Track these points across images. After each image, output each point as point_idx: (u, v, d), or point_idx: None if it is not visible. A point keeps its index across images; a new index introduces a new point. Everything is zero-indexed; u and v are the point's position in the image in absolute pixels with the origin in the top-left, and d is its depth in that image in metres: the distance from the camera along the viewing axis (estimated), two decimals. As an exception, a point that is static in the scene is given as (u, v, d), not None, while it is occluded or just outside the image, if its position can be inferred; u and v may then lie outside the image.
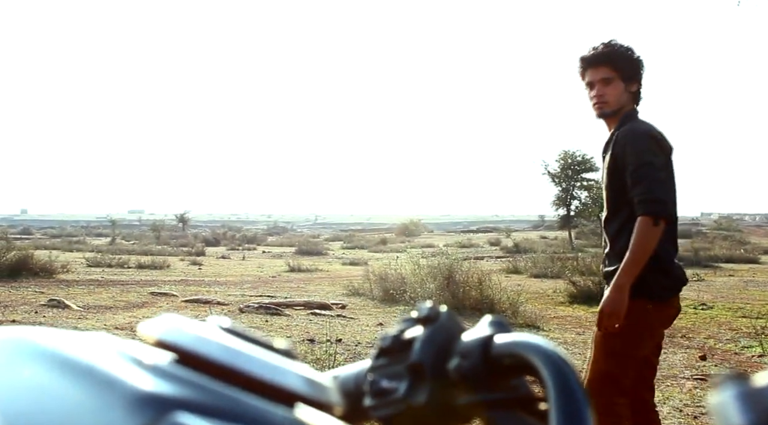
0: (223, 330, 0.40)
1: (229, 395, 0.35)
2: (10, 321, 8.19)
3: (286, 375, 0.38)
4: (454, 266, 10.82)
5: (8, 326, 0.42)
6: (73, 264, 17.36)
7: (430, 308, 0.49)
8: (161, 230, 44.04)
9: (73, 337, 0.40)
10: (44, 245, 28.38)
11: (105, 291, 12.05)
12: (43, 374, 0.36)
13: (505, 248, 31.44)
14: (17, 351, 0.38)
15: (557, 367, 0.41)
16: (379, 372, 0.49)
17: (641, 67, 2.98)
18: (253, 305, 9.97)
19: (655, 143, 2.82)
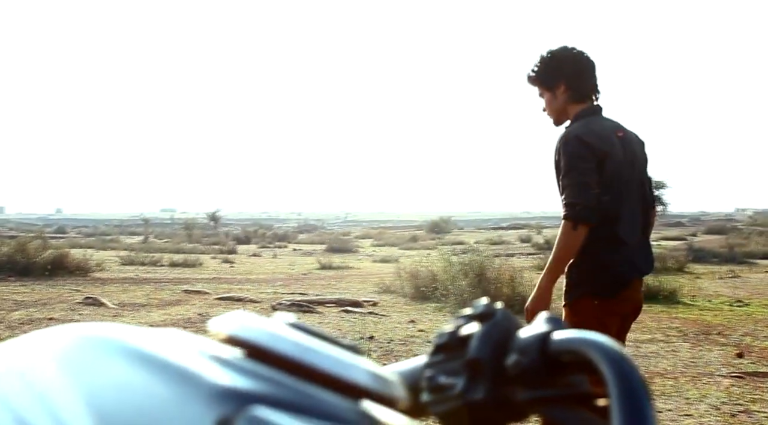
0: (290, 325, 0.41)
1: (301, 389, 0.36)
2: (48, 319, 8.32)
3: (354, 369, 0.39)
4: (486, 263, 10.78)
5: (81, 323, 0.43)
6: (107, 262, 17.59)
7: (486, 306, 0.50)
8: (193, 229, 44.34)
9: (148, 333, 0.41)
10: (79, 244, 28.76)
11: (139, 289, 12.19)
12: (126, 370, 0.37)
13: (536, 245, 31.20)
14: (99, 348, 0.39)
15: (618, 364, 0.41)
16: (436, 367, 0.49)
17: (559, 66, 3.04)
18: (285, 303, 10.03)
19: (584, 147, 2.87)
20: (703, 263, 19.47)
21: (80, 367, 0.37)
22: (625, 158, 2.96)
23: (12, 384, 0.37)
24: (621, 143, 2.97)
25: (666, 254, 19.04)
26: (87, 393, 0.35)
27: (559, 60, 3.03)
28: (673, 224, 61.86)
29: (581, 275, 2.88)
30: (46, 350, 0.40)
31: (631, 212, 2.96)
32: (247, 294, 11.38)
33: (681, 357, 6.74)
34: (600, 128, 2.96)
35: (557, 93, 3.03)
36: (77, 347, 0.40)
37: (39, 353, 0.40)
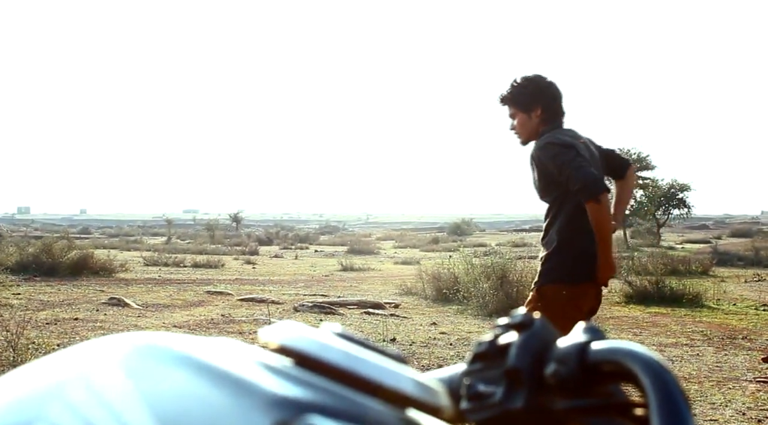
0: (338, 335, 0.42)
1: (350, 397, 0.37)
2: (73, 319, 8.40)
3: (400, 378, 0.40)
4: (508, 266, 10.75)
5: (138, 332, 0.44)
6: (131, 263, 17.75)
7: (524, 315, 0.50)
8: (215, 230, 44.56)
9: (201, 342, 0.42)
10: (103, 245, 29.07)
11: (162, 290, 12.28)
12: (185, 378, 0.38)
13: (558, 248, 31.05)
14: (159, 357, 0.40)
15: (657, 374, 0.41)
16: (475, 376, 0.50)
17: (540, 92, 3.39)
18: (307, 305, 10.07)
19: (559, 146, 3.20)
20: (728, 267, 19.30)
21: (142, 376, 0.38)
22: (593, 160, 3.31)
23: (80, 392, 0.38)
24: (584, 147, 3.31)
25: (690, 257, 18.92)
26: (150, 402, 0.36)
27: (539, 86, 3.40)
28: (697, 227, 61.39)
29: (558, 263, 3.20)
30: (108, 358, 0.41)
31: None
32: (269, 296, 11.42)
33: (706, 362, 6.68)
34: (563, 135, 3.30)
35: (533, 116, 3.38)
36: (138, 355, 0.41)
37: (101, 361, 0.41)
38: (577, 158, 3.15)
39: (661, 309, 10.58)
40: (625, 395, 0.46)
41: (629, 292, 11.68)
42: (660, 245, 32.88)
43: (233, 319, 8.75)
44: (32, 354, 4.15)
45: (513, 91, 3.42)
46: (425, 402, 0.40)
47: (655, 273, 13.31)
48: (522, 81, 3.42)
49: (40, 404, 0.38)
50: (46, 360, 0.44)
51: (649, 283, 11.62)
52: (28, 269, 14.09)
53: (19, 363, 4.04)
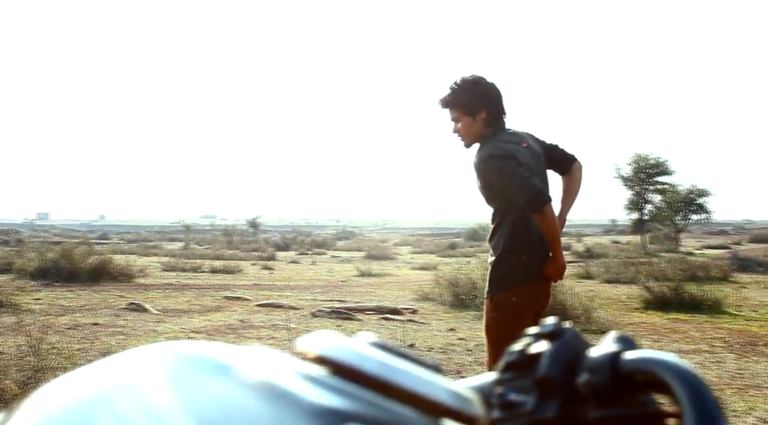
0: (373, 344, 0.42)
1: (387, 407, 0.37)
2: (93, 324, 8.46)
3: (436, 388, 0.40)
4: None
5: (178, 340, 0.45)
6: (149, 268, 17.85)
7: (555, 324, 0.50)
8: (233, 235, 44.73)
9: (241, 352, 0.43)
10: (122, 250, 29.20)
11: (181, 295, 12.33)
12: (227, 388, 0.38)
13: (576, 253, 30.91)
14: (201, 366, 0.41)
15: (691, 384, 0.41)
16: (506, 385, 0.50)
17: (484, 95, 3.39)
18: (325, 310, 10.06)
19: (501, 159, 3.26)
20: (748, 273, 19.09)
21: (186, 385, 0.39)
22: (533, 165, 3.36)
23: (126, 402, 0.38)
24: (529, 153, 3.37)
25: (710, 262, 18.74)
26: (195, 411, 0.37)
27: (482, 88, 3.40)
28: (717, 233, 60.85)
29: (503, 272, 3.30)
30: (152, 367, 0.41)
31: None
32: (287, 301, 11.44)
33: (727, 369, 6.62)
34: (509, 144, 3.33)
35: (477, 119, 3.39)
36: (181, 365, 0.41)
37: (146, 370, 0.41)
38: (518, 170, 3.22)
39: (681, 315, 10.50)
40: (657, 405, 0.46)
41: (648, 298, 11.59)
42: (679, 251, 32.61)
43: (251, 324, 8.77)
44: (54, 359, 4.17)
45: (456, 95, 3.41)
46: (461, 411, 0.40)
47: (674, 279, 13.20)
48: (465, 84, 3.41)
49: (89, 413, 0.38)
50: (92, 368, 0.45)
51: (668, 289, 11.53)
52: (48, 275, 14.21)
53: (42, 367, 4.07)
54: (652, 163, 35.52)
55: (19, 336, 6.92)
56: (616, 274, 16.69)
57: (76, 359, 4.21)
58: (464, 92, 3.40)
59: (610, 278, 16.53)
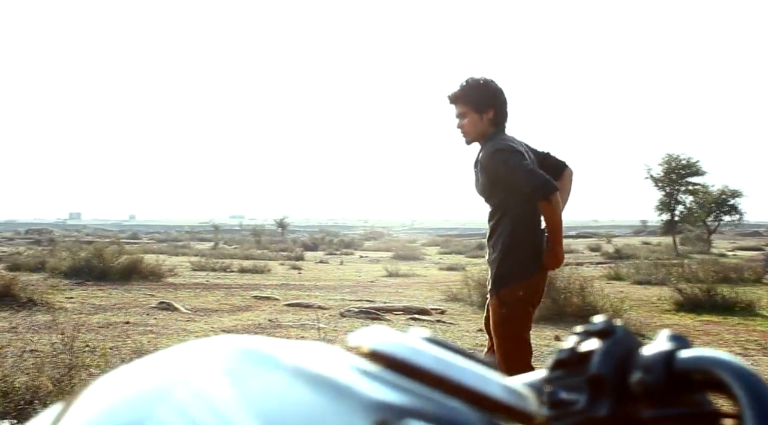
0: (426, 340, 0.42)
1: (444, 403, 0.37)
2: (124, 323, 8.55)
3: (493, 384, 0.40)
4: (555, 272, 10.61)
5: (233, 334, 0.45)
6: (179, 268, 17.99)
7: (606, 322, 0.49)
8: (261, 235, 44.93)
9: (295, 346, 0.42)
10: (152, 250, 29.46)
11: (210, 295, 12.42)
12: (286, 382, 0.38)
13: (605, 254, 30.64)
14: (257, 361, 0.41)
15: (750, 383, 0.40)
16: (556, 383, 0.49)
17: (494, 96, 3.53)
18: (353, 310, 10.08)
19: (507, 152, 3.38)
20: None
21: (244, 379, 0.39)
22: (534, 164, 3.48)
23: (185, 394, 0.38)
24: (527, 152, 3.51)
25: (742, 264, 18.47)
26: (253, 405, 0.36)
27: (492, 89, 3.54)
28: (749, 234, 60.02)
29: (507, 269, 3.41)
30: (209, 361, 0.41)
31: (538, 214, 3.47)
32: (315, 301, 11.46)
33: (762, 372, 6.52)
34: (508, 141, 3.47)
35: (484, 117, 3.52)
36: (238, 359, 0.41)
37: (203, 363, 0.41)
38: (524, 162, 3.36)
39: (713, 318, 10.35)
40: (712, 404, 0.45)
41: (679, 300, 11.45)
42: (710, 253, 32.20)
43: (280, 324, 8.81)
44: (87, 357, 4.23)
45: (466, 91, 3.54)
46: (517, 408, 0.40)
47: (706, 281, 13.03)
48: (475, 82, 3.55)
49: (148, 405, 0.38)
50: (146, 361, 0.45)
51: (699, 291, 11.37)
52: (80, 274, 14.40)
53: (75, 365, 4.12)
54: (683, 163, 35.10)
55: (53, 334, 7.02)
56: (646, 275, 16.50)
57: (109, 357, 4.25)
58: (475, 90, 3.53)
59: (641, 279, 16.35)
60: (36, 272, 15.71)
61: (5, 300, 9.87)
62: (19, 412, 3.89)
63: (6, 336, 7.10)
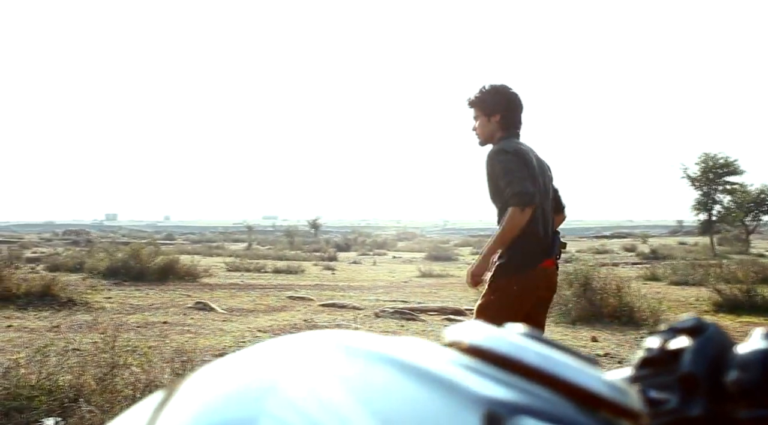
0: (524, 335, 0.41)
1: (554, 400, 0.36)
2: (162, 322, 8.64)
3: (598, 380, 0.39)
4: (591, 273, 10.51)
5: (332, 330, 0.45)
6: (214, 269, 18.14)
7: (696, 319, 0.48)
8: (294, 236, 45.17)
9: (396, 342, 0.42)
10: (186, 250, 29.75)
11: (245, 295, 12.50)
12: (393, 378, 0.38)
13: (641, 255, 30.29)
14: (361, 356, 0.40)
15: None
16: (645, 382, 0.48)
17: (503, 101, 3.72)
18: (388, 310, 10.07)
19: (512, 154, 3.52)
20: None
21: (351, 374, 0.38)
22: (540, 170, 3.64)
23: (295, 389, 0.38)
24: (536, 159, 3.67)
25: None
26: (364, 400, 0.36)
27: (502, 95, 3.73)
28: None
29: (506, 262, 3.52)
30: (314, 355, 0.41)
31: (544, 212, 3.63)
32: (349, 301, 11.48)
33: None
34: (520, 145, 3.62)
35: (492, 120, 3.71)
36: (343, 354, 0.41)
37: (309, 358, 0.41)
38: (523, 169, 3.49)
39: (753, 319, 10.17)
40: None
41: (718, 300, 11.26)
42: (749, 253, 31.67)
43: (316, 324, 8.84)
44: (128, 356, 4.28)
45: (479, 96, 3.75)
46: (623, 405, 0.39)
47: (746, 281, 12.80)
48: (488, 88, 3.75)
49: (259, 399, 0.38)
50: (244, 354, 0.44)
51: (739, 291, 11.17)
52: (117, 274, 14.59)
53: (117, 364, 4.17)
54: (721, 162, 34.57)
55: (94, 333, 7.13)
56: (684, 276, 16.26)
57: (150, 356, 4.30)
58: (486, 94, 3.74)
59: (678, 280, 16.13)
60: (75, 272, 15.95)
61: (46, 300, 10.05)
62: (64, 410, 3.96)
63: (48, 335, 7.23)
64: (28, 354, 4.60)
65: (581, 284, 10.22)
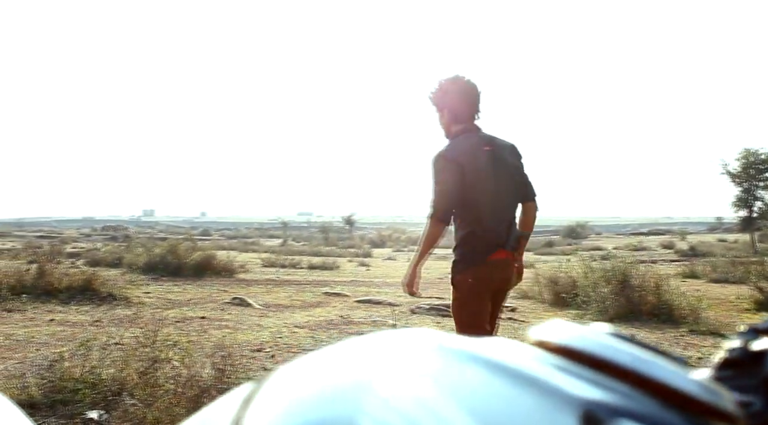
0: (612, 335, 0.40)
1: (650, 403, 0.36)
2: (200, 318, 8.73)
3: (693, 383, 0.38)
4: (629, 270, 10.37)
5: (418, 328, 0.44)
6: (249, 264, 18.26)
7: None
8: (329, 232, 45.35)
9: (483, 342, 0.42)
10: (222, 246, 30.00)
11: (281, 291, 12.57)
12: (485, 378, 0.37)
13: (679, 252, 29.88)
14: (453, 355, 0.40)
15: None
16: (726, 384, 0.47)
17: (445, 94, 3.82)
18: (423, 307, 10.05)
19: (446, 162, 3.67)
20: None
21: (447, 376, 0.38)
22: (490, 166, 3.71)
23: (390, 388, 0.38)
24: (486, 155, 3.72)
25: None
26: (464, 403, 0.36)
27: (446, 90, 3.82)
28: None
29: (459, 258, 3.73)
30: (405, 354, 0.41)
31: (494, 207, 3.73)
32: (385, 297, 11.48)
33: None
34: (465, 146, 3.72)
35: (444, 113, 3.85)
36: (436, 353, 0.40)
37: (397, 359, 0.41)
38: (449, 186, 3.66)
39: (797, 317, 9.97)
40: None
41: (760, 299, 11.06)
42: (792, 250, 31.05)
43: (352, 320, 8.85)
44: (170, 350, 4.33)
45: (432, 92, 3.90)
46: (720, 408, 0.38)
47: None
48: (438, 83, 3.87)
49: (355, 398, 0.38)
50: (332, 351, 0.44)
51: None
52: (155, 269, 14.76)
53: (159, 358, 4.22)
54: (762, 158, 33.89)
55: (134, 328, 7.22)
56: (724, 273, 16.00)
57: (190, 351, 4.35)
58: (437, 90, 3.87)
59: (718, 277, 15.88)
60: (113, 267, 16.16)
61: (87, 294, 10.20)
62: (107, 403, 4.02)
63: (90, 330, 7.35)
64: (72, 348, 4.68)
65: (619, 281, 10.09)
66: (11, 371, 5.12)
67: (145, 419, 3.63)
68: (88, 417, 3.94)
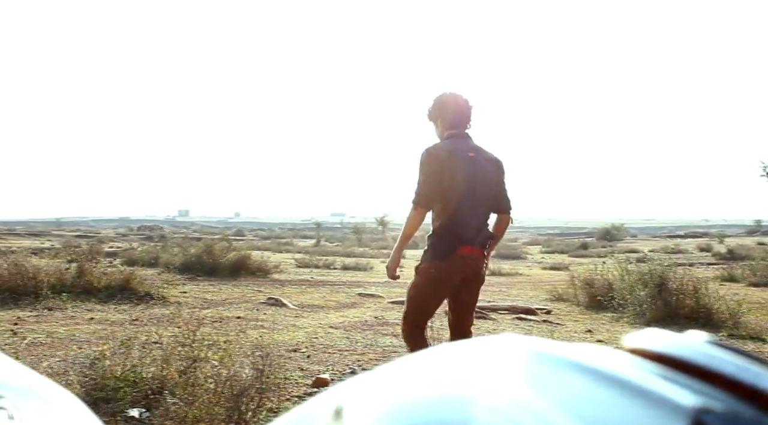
0: (711, 343, 0.40)
1: (757, 414, 0.35)
2: (236, 318, 8.80)
3: None
4: (666, 273, 10.23)
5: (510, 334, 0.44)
6: (283, 265, 18.34)
7: None
8: (362, 233, 45.38)
9: (579, 348, 0.42)
10: (256, 246, 30.16)
11: (315, 291, 12.61)
12: (588, 385, 0.37)
13: (717, 255, 29.43)
14: (553, 363, 0.40)
15: None
16: None
17: (435, 106, 4.32)
18: (458, 309, 10.01)
19: (430, 157, 4.09)
20: None
21: (550, 383, 0.38)
22: (470, 170, 4.07)
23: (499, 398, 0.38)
24: (468, 160, 4.09)
25: None
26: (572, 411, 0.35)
27: (438, 104, 4.30)
28: None
29: (427, 250, 4.11)
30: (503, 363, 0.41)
31: (469, 206, 4.06)
32: (419, 299, 11.44)
33: None
34: (450, 147, 4.13)
35: (437, 124, 4.32)
36: (536, 360, 0.40)
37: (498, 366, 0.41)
38: (430, 177, 4.06)
39: (840, 322, 9.77)
40: None
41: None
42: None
43: (386, 321, 8.86)
44: (208, 349, 4.37)
45: (429, 107, 4.36)
46: None
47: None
48: (433, 99, 4.34)
49: (464, 405, 0.38)
50: (429, 357, 0.44)
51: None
52: (191, 269, 14.88)
53: (197, 357, 4.27)
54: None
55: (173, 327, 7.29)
56: (763, 277, 15.72)
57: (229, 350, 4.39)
58: (431, 104, 4.34)
59: (758, 281, 15.60)
60: (150, 267, 16.31)
61: (125, 293, 10.32)
62: (148, 401, 4.07)
63: (129, 328, 7.44)
64: (112, 347, 4.74)
65: (656, 284, 9.96)
66: (54, 368, 5.21)
67: (186, 418, 3.67)
68: (129, 415, 4.00)
